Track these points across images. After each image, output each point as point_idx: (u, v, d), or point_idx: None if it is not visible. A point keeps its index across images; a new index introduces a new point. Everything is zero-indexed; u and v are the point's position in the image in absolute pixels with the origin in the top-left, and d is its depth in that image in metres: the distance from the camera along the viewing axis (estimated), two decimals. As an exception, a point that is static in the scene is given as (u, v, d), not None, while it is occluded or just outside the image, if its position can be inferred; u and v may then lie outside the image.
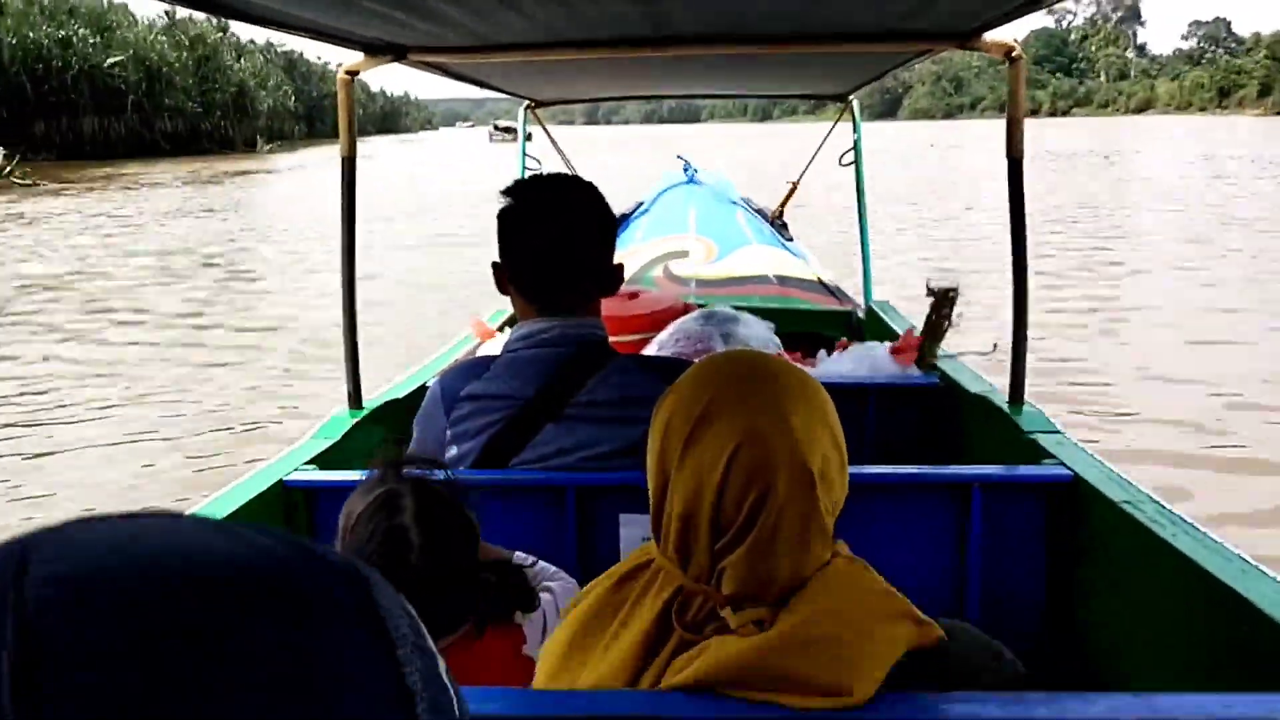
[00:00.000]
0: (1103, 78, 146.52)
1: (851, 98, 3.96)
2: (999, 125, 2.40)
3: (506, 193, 1.74)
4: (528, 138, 4.62)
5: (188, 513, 0.35)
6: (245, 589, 0.30)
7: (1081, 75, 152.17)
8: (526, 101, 4.08)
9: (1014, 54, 2.12)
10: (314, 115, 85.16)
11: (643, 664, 0.98)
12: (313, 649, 0.30)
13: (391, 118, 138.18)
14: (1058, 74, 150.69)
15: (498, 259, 1.76)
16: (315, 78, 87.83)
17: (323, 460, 2.02)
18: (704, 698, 0.94)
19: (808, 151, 4.53)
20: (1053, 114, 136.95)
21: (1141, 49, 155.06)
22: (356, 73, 2.30)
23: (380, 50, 2.23)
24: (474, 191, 20.13)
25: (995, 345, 2.68)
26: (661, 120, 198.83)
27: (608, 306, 1.83)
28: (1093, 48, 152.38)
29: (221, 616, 0.29)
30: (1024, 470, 1.87)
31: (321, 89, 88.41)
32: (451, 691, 0.34)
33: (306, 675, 0.29)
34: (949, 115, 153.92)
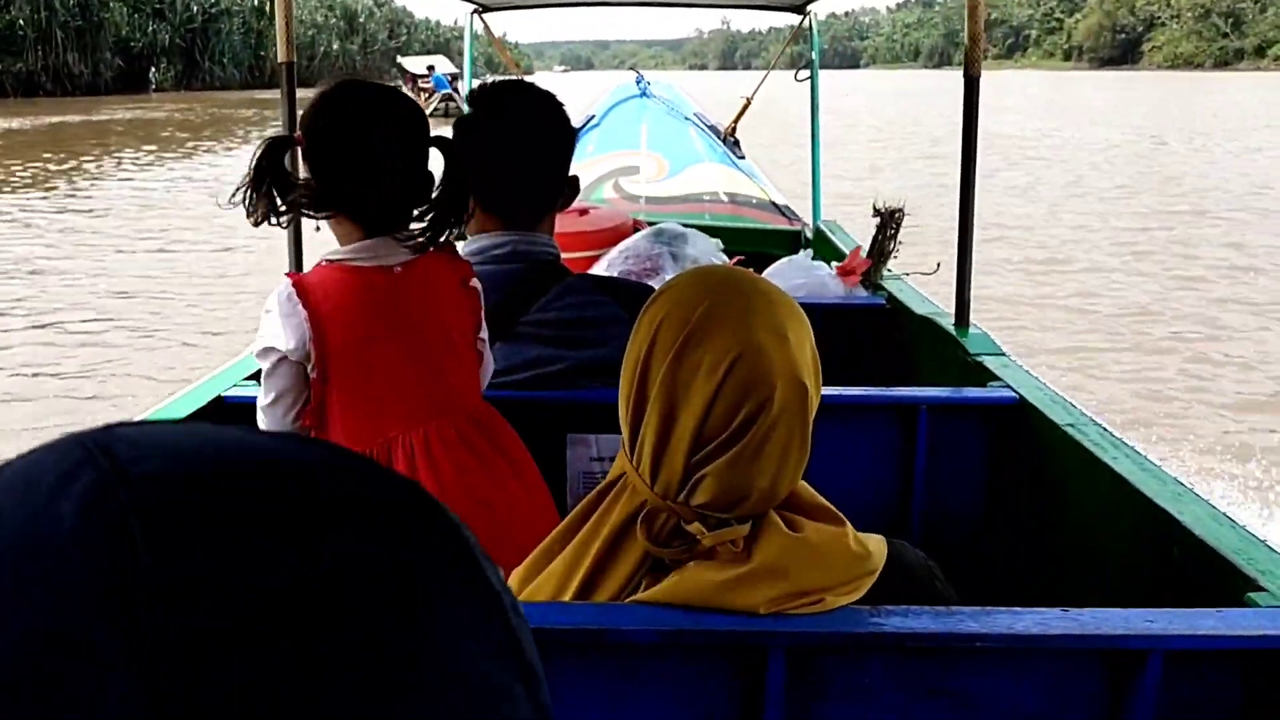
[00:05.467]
0: None
1: (810, 9, 3.88)
2: None
3: (469, 101, 1.72)
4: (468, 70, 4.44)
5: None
6: (326, 490, 0.27)
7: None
8: (473, 6, 3.94)
9: None
10: (195, 46, 52.85)
11: (599, 575, 1.00)
12: (406, 562, 0.27)
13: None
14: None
15: None
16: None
17: None
18: (666, 609, 0.96)
19: (1007, 104, 4.06)
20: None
21: None
22: None
23: None
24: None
25: (939, 265, 2.69)
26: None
27: (558, 223, 1.80)
28: None
29: (318, 512, 0.27)
30: (970, 392, 1.89)
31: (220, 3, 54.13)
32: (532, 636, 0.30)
33: (406, 590, 0.26)
34: (1223, 64, 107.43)
